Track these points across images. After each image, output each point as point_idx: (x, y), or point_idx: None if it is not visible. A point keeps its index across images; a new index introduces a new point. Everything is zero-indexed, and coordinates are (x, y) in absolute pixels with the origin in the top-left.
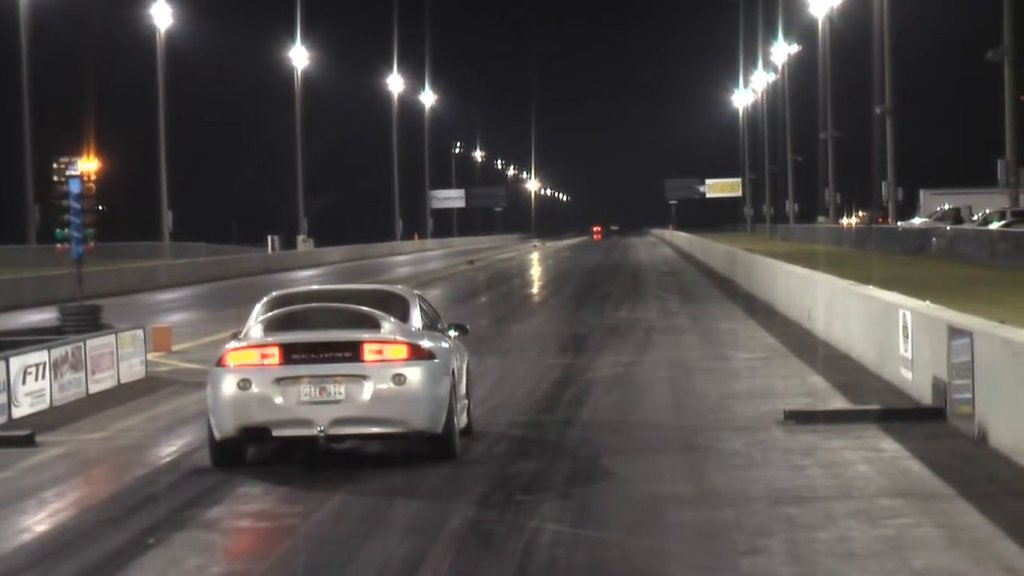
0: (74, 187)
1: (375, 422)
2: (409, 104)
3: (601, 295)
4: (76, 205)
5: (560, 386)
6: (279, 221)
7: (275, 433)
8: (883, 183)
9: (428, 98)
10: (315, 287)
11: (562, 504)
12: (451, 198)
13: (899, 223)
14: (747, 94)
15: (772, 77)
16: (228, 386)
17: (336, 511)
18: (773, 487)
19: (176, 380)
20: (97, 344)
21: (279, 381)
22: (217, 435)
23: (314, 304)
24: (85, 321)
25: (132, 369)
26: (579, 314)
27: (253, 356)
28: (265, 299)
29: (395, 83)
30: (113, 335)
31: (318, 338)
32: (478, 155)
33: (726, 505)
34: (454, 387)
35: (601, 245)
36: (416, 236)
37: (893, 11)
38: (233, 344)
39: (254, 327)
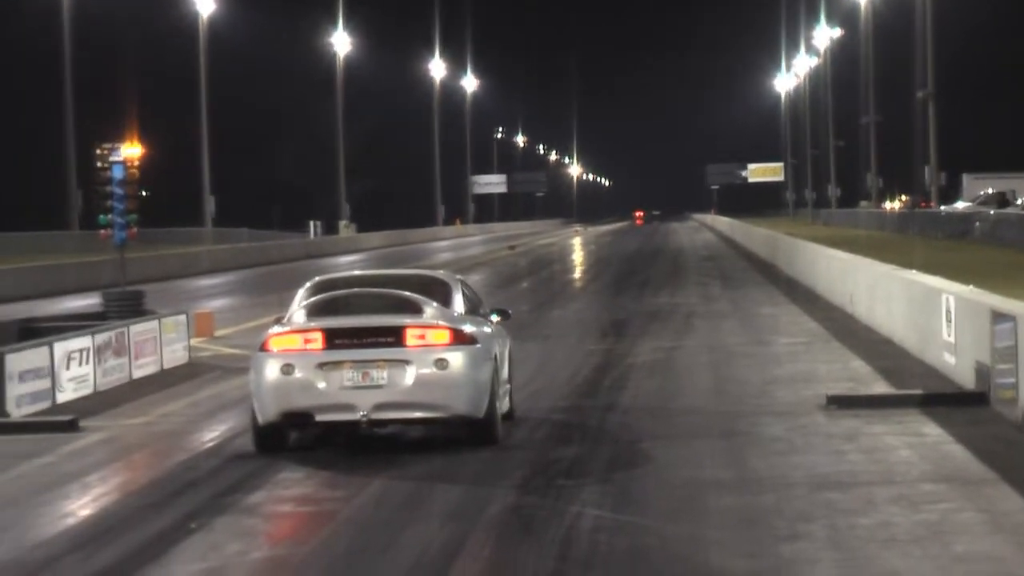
0: (117, 173)
1: (417, 407)
2: (450, 89)
3: (641, 280)
4: (119, 191)
5: (601, 371)
6: (320, 207)
7: (318, 418)
8: (926, 167)
9: (470, 83)
10: (357, 272)
11: (603, 489)
12: (492, 183)
13: (942, 207)
14: (789, 78)
15: (814, 61)
16: (271, 371)
17: (377, 496)
18: (814, 472)
19: (218, 365)
20: (140, 330)
21: (322, 366)
22: (260, 420)
23: (356, 289)
24: (128, 307)
25: (175, 354)
26: (619, 300)
27: (296, 341)
28: (308, 284)
29: (437, 68)
30: (156, 320)
31: (361, 323)
32: (520, 140)
33: (767, 491)
34: (496, 372)
35: (642, 230)
36: (457, 221)
37: None
38: (276, 329)
39: (297, 312)
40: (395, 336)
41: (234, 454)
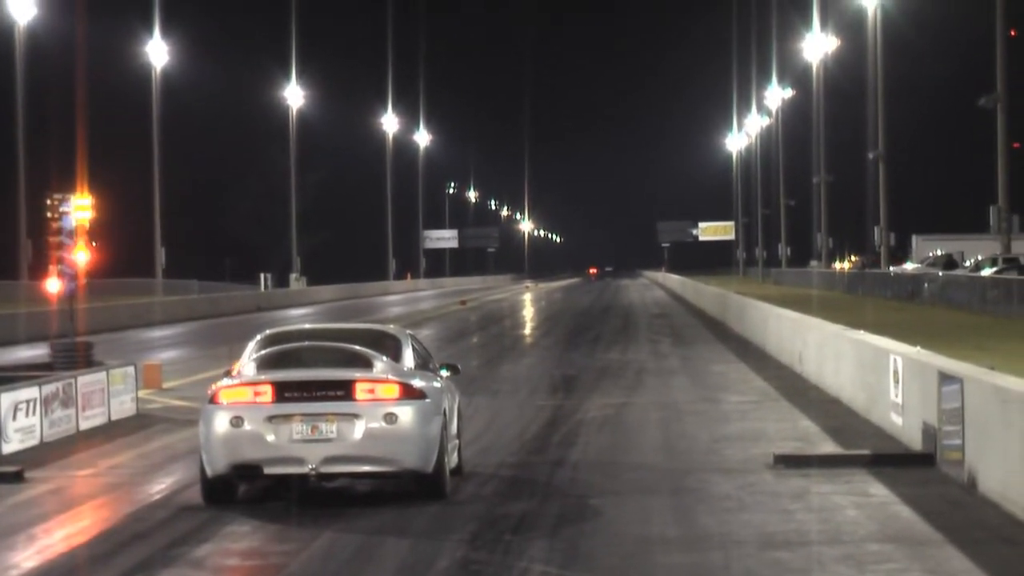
0: (67, 224)
1: (366, 461)
2: (403, 144)
3: (592, 337)
4: (68, 241)
5: (550, 427)
6: (272, 259)
7: (267, 471)
8: (876, 228)
9: (422, 139)
10: (308, 326)
11: (551, 544)
12: (444, 238)
13: (891, 268)
14: (740, 138)
15: (766, 121)
16: (220, 423)
17: (325, 549)
18: (762, 531)
19: (167, 417)
20: (88, 381)
21: (271, 419)
22: (209, 472)
23: (307, 343)
24: (76, 357)
25: (123, 406)
26: (570, 355)
27: (246, 394)
28: (258, 337)
29: (390, 123)
30: (104, 372)
31: (310, 376)
32: (471, 195)
33: (715, 548)
34: (445, 427)
35: (594, 286)
36: (408, 276)
37: (887, 57)
38: (226, 382)
39: (247, 365)
40: (345, 390)
41: (182, 506)
